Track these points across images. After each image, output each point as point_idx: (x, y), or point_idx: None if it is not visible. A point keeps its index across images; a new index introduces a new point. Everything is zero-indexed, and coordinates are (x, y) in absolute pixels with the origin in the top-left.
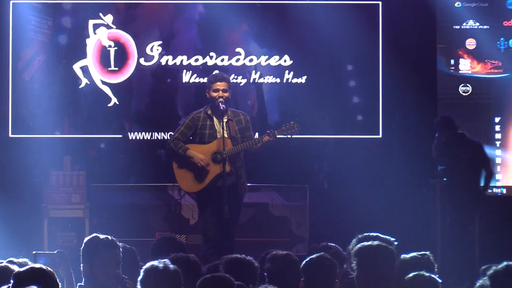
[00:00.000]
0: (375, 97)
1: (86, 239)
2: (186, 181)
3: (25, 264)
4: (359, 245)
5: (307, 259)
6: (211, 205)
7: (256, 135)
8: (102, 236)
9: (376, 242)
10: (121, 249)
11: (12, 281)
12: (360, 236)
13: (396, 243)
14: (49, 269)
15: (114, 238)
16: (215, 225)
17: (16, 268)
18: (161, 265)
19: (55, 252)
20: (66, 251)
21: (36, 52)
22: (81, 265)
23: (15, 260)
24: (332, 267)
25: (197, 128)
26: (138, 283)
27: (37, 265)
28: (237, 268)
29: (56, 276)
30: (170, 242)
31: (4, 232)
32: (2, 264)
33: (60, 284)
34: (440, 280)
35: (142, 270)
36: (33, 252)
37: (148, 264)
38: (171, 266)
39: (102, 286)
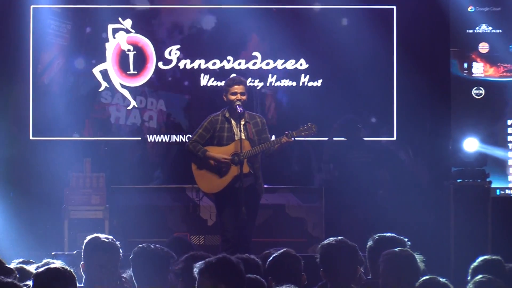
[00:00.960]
0: (390, 100)
1: (86, 239)
2: (205, 182)
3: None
4: (321, 243)
5: (271, 257)
6: (229, 206)
7: (273, 137)
8: (102, 237)
9: (338, 238)
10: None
11: (32, 282)
12: (376, 236)
13: (409, 243)
14: (66, 268)
15: (113, 239)
16: (233, 226)
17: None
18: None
19: (74, 253)
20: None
21: (55, 56)
22: (81, 263)
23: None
24: (296, 263)
25: (215, 130)
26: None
27: (53, 265)
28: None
29: (74, 275)
30: (182, 243)
31: (25, 232)
32: (18, 265)
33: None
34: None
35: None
36: (52, 253)
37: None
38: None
39: (100, 285)
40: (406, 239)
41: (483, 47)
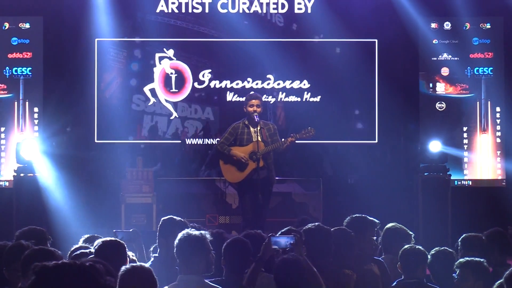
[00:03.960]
0: (372, 111)
1: (163, 219)
2: (230, 174)
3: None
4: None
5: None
6: (248, 193)
7: (282, 140)
8: (177, 218)
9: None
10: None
11: (95, 248)
12: (352, 216)
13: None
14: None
15: (184, 220)
16: (252, 209)
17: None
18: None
19: (131, 230)
20: (138, 229)
21: (114, 76)
22: (157, 239)
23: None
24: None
25: (237, 134)
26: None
27: (108, 239)
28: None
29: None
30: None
31: (91, 214)
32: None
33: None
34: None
35: None
36: (114, 231)
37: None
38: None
39: (172, 258)
40: (377, 221)
41: (445, 71)
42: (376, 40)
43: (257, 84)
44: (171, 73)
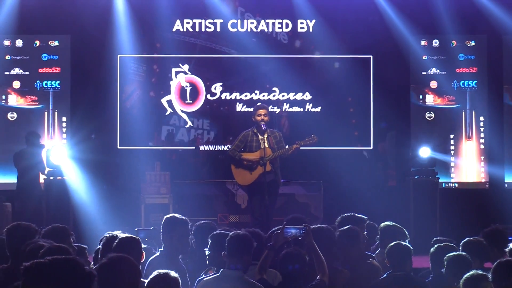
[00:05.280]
0: (368, 120)
1: (165, 217)
2: (240, 177)
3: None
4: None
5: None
6: (257, 195)
7: (287, 146)
8: (178, 216)
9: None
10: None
11: (115, 244)
12: (342, 215)
13: (367, 219)
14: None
15: (186, 218)
16: (260, 209)
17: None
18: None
19: (151, 228)
20: (157, 227)
21: (134, 88)
22: (161, 235)
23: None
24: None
25: (247, 141)
26: None
27: (124, 235)
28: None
29: (140, 242)
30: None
31: (114, 214)
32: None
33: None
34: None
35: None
36: (136, 229)
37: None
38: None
39: (176, 251)
40: (366, 217)
41: (433, 84)
42: (371, 56)
43: (263, 95)
44: (186, 86)
